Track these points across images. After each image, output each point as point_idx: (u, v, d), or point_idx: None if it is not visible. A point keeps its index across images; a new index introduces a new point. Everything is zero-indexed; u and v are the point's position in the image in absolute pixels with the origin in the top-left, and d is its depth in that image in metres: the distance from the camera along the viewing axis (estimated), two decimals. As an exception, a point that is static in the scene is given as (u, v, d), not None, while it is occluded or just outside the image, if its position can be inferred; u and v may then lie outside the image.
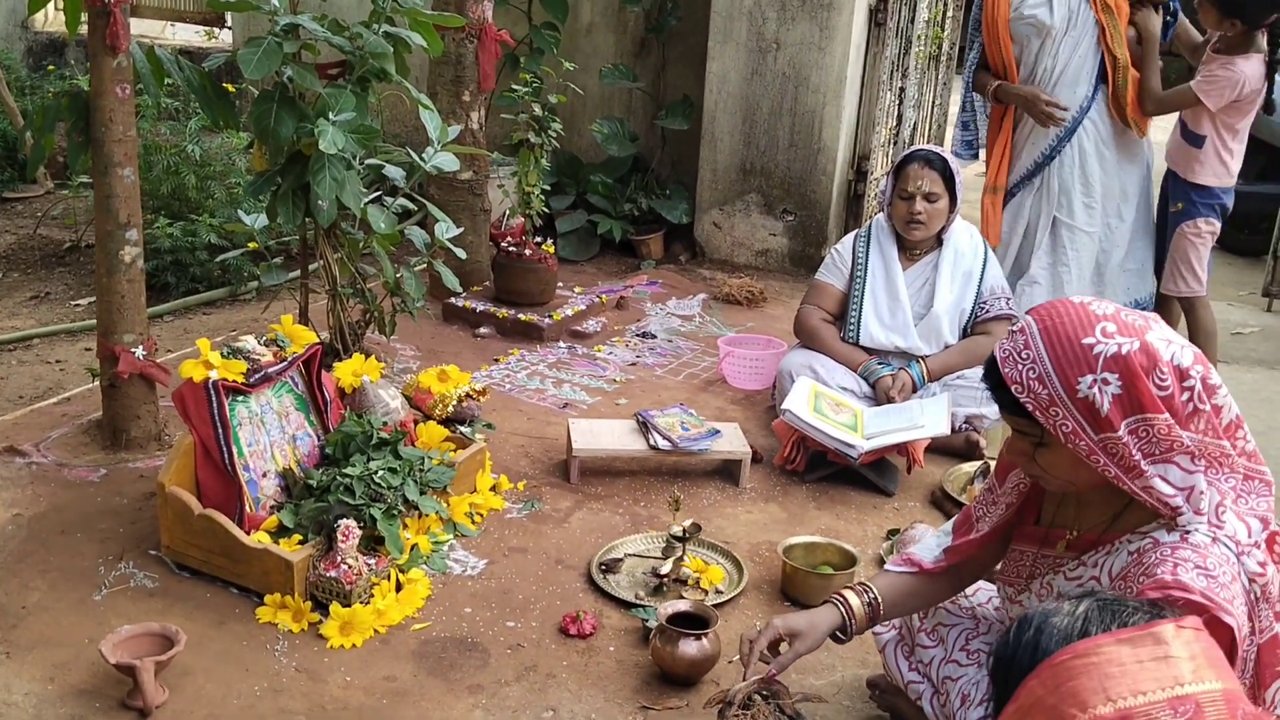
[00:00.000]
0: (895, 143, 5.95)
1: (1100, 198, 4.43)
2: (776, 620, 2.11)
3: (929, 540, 2.23)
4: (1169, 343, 1.72)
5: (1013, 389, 1.76)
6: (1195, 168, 4.33)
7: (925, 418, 3.44)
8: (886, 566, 2.24)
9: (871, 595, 2.12)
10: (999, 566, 2.09)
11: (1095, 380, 1.69)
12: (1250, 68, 4.12)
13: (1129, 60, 4.28)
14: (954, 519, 2.21)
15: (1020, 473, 2.03)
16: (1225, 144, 4.30)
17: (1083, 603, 1.27)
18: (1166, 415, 1.69)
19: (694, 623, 2.48)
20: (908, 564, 2.18)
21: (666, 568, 2.84)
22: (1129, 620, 1.23)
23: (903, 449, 3.43)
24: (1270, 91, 4.22)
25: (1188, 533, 1.73)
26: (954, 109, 5.53)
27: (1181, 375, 1.71)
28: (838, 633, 2.11)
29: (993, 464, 3.45)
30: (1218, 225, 4.41)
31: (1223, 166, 4.33)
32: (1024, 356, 1.75)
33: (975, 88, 4.53)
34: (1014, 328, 1.82)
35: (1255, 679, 1.73)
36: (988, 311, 3.78)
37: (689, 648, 2.42)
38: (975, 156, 4.66)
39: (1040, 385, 1.73)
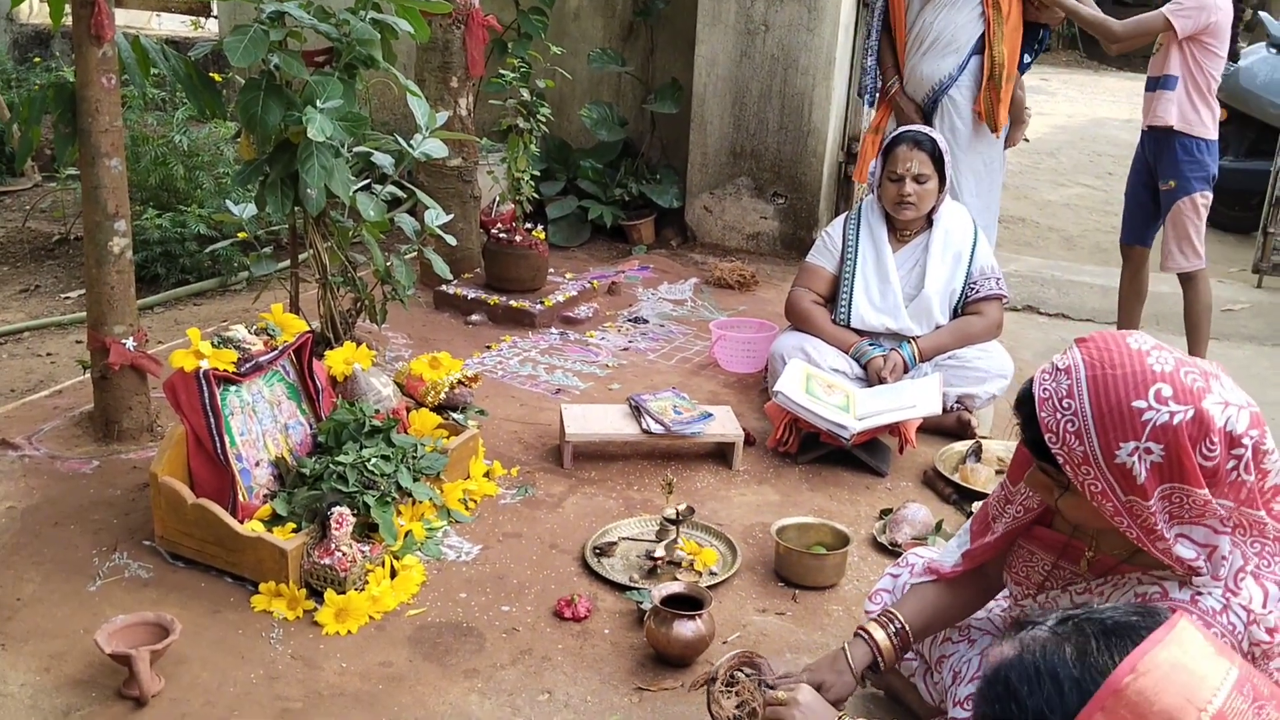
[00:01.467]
0: (885, 124, 5.95)
1: (959, 169, 4.51)
2: (804, 677, 2.03)
3: (950, 544, 2.17)
4: (1225, 406, 1.60)
5: (1046, 437, 1.65)
6: (1172, 110, 4.25)
7: (917, 398, 3.45)
8: (911, 581, 2.17)
9: (897, 623, 2.04)
10: (1009, 561, 2.02)
11: (1138, 449, 1.58)
12: None
13: (1006, 63, 4.37)
14: (971, 519, 2.13)
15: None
16: (1197, 87, 4.25)
17: (1071, 627, 1.18)
18: (1205, 491, 1.60)
19: (688, 604, 2.49)
20: (928, 573, 2.12)
21: (660, 550, 2.85)
22: (1140, 628, 1.17)
23: (895, 429, 3.44)
24: (1235, 40, 4.25)
25: (1200, 594, 1.66)
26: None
27: (1232, 443, 1.60)
28: (868, 669, 2.05)
29: (984, 443, 3.48)
30: (1210, 196, 4.39)
31: (1195, 113, 4.27)
32: (1065, 406, 1.63)
33: (880, 66, 4.64)
34: (1060, 364, 1.68)
35: None
36: (978, 292, 3.79)
37: (683, 629, 2.43)
38: (873, 104, 4.76)
39: (1077, 441, 1.62)
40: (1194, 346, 4.38)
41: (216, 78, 3.50)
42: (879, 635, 2.03)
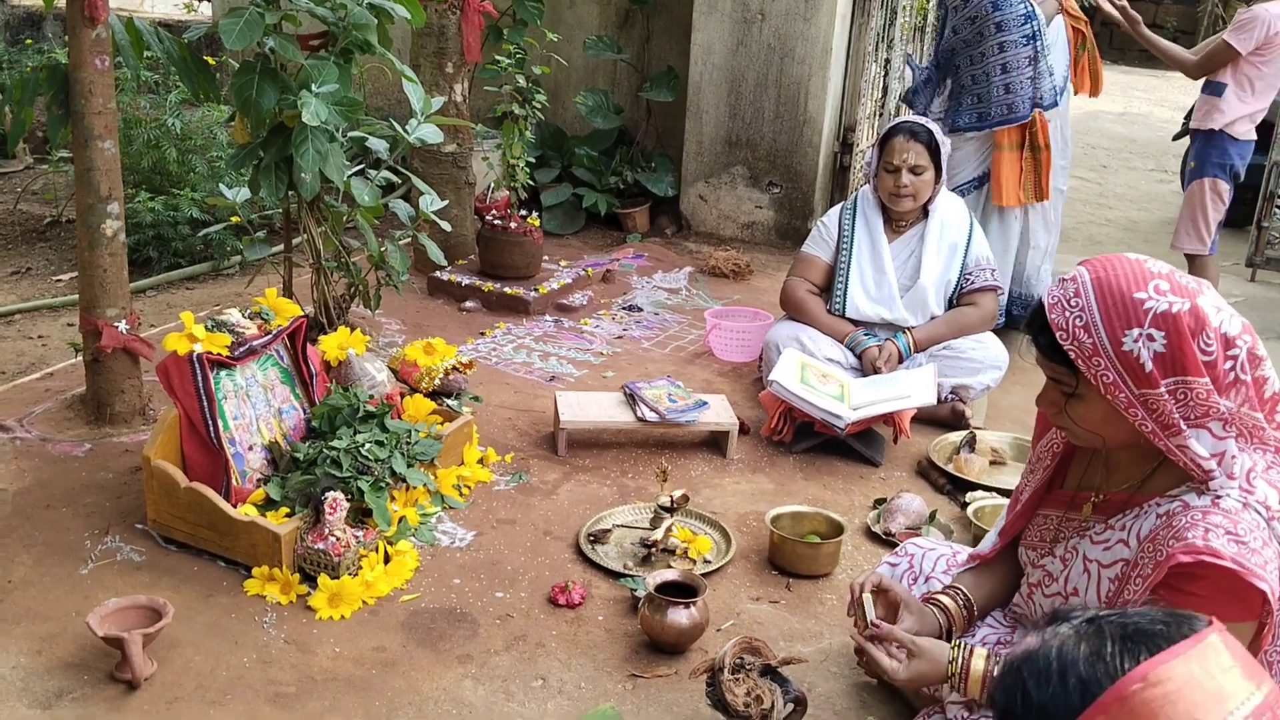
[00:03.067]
0: (880, 115, 5.94)
1: (1069, 157, 4.64)
2: (888, 579, 2.09)
3: (989, 534, 2.22)
4: (1218, 310, 1.70)
5: (1057, 335, 1.74)
6: (1215, 115, 4.57)
7: (911, 388, 3.45)
8: (957, 570, 2.23)
9: (961, 595, 2.11)
10: (1025, 535, 2.08)
11: (1141, 335, 1.67)
12: (1276, 8, 4.42)
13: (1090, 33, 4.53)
14: (1010, 501, 2.18)
15: (1051, 438, 2.03)
16: (1243, 93, 4.55)
17: (1094, 627, 1.14)
18: (1207, 380, 1.67)
19: (683, 592, 2.49)
20: (972, 560, 2.20)
21: (656, 535, 2.84)
22: (1162, 636, 1.11)
23: (889, 419, 3.44)
24: None
25: (1219, 497, 1.71)
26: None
27: (1227, 343, 1.69)
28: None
29: (978, 433, 3.49)
30: (1227, 189, 4.67)
31: (1233, 113, 4.57)
32: (1072, 304, 1.73)
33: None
34: (1066, 277, 1.78)
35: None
36: (973, 283, 3.79)
37: (678, 616, 2.43)
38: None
39: (1085, 334, 1.71)
40: None
41: (210, 61, 3.48)
42: (949, 603, 2.09)
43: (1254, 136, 4.69)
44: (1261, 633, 1.63)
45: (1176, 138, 6.93)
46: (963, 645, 1.90)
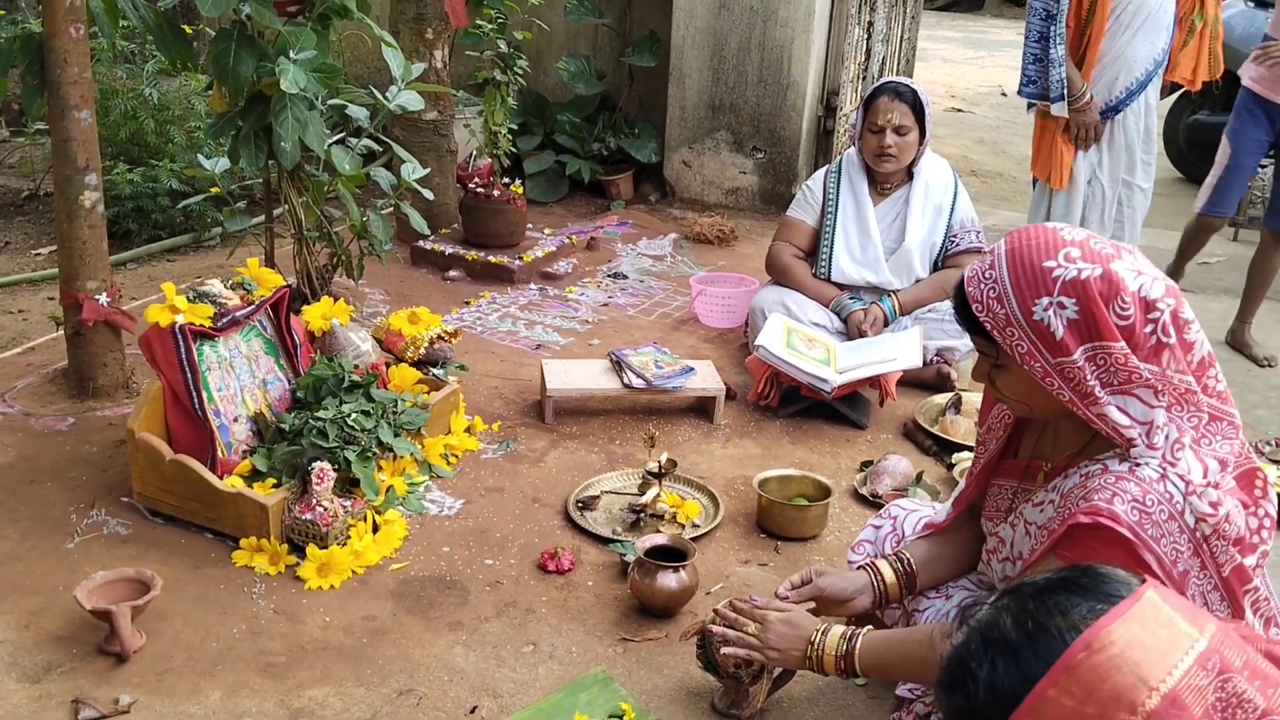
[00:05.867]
0: (864, 78, 5.91)
1: (1154, 153, 4.33)
2: (813, 570, 2.15)
3: (946, 504, 2.25)
4: (1138, 274, 1.69)
5: (973, 307, 1.76)
6: None
7: (897, 351, 3.46)
8: (910, 538, 2.26)
9: (904, 558, 2.14)
10: (984, 506, 2.09)
11: (1051, 303, 1.68)
12: None
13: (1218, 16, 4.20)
14: (967, 472, 2.21)
15: (1001, 408, 2.04)
16: None
17: (1008, 599, 1.13)
18: (1123, 344, 1.67)
19: (672, 556, 2.50)
20: (926, 529, 2.22)
21: (644, 500, 2.84)
22: (1074, 582, 1.12)
23: (875, 382, 3.44)
24: None
25: (1138, 465, 1.72)
26: (923, 44, 5.51)
27: (1148, 307, 1.68)
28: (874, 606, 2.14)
29: (964, 395, 3.50)
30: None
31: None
32: (987, 276, 1.75)
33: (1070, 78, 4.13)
34: (987, 250, 1.80)
35: (1231, 606, 1.74)
36: (958, 245, 3.79)
37: (667, 580, 2.44)
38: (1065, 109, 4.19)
39: (998, 305, 1.73)
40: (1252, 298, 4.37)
41: (187, 29, 3.43)
42: (885, 567, 2.14)
43: None
44: None
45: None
46: (822, 628, 1.97)
